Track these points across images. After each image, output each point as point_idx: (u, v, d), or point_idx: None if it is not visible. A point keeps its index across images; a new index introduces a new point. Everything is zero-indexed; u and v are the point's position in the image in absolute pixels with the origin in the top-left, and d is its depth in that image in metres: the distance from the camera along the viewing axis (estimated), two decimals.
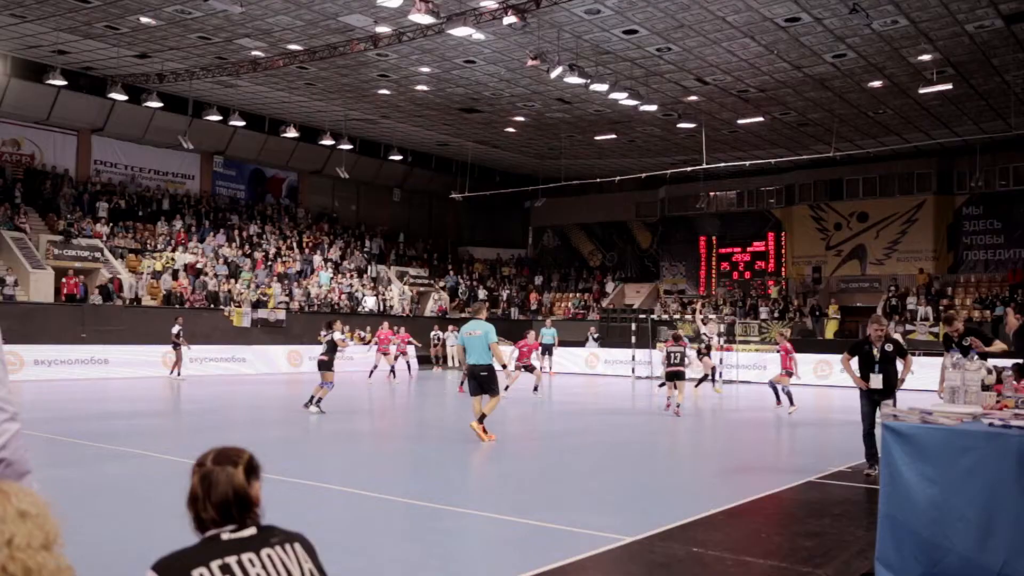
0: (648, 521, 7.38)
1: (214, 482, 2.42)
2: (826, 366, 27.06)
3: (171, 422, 16.12)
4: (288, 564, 2.41)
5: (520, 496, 8.90)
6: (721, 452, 13.08)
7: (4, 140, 31.06)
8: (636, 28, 22.00)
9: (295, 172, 39.34)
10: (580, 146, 35.60)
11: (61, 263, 27.63)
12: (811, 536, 7.07)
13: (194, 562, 2.30)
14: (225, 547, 2.36)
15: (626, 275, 42.78)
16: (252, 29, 23.51)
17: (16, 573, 1.66)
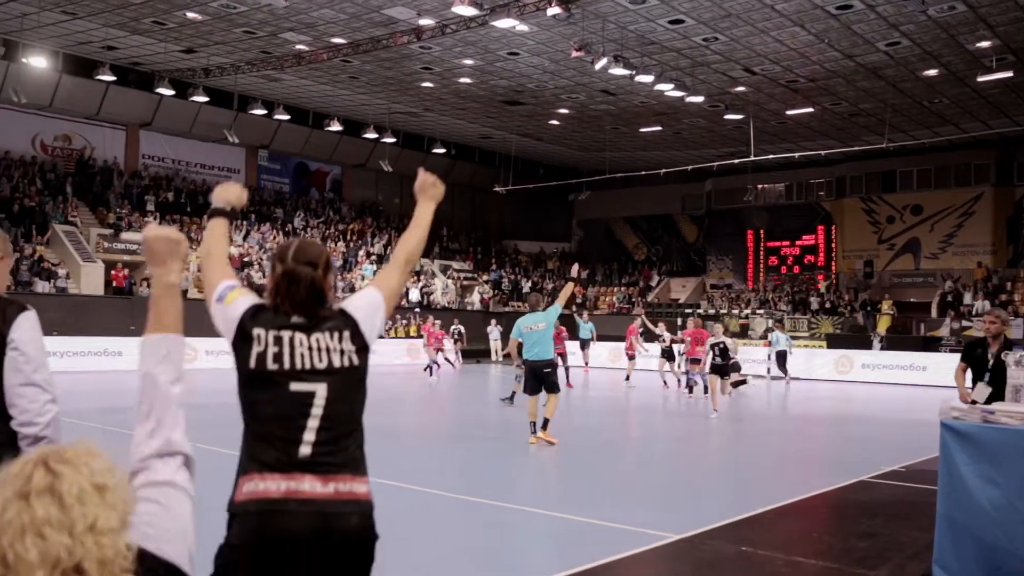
0: (695, 519, 7.28)
1: (297, 280, 2.75)
2: (846, 361, 26.86)
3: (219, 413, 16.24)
4: (332, 345, 2.72)
5: (566, 492, 8.85)
6: (769, 449, 12.88)
7: (56, 135, 31.71)
8: (682, 18, 21.76)
9: (339, 166, 39.62)
10: (625, 138, 35.36)
11: (110, 256, 28.15)
12: (864, 537, 6.92)
13: (261, 322, 2.72)
14: (293, 322, 2.73)
15: (672, 269, 42.45)
16: (296, 23, 23.67)
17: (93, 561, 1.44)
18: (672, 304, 38.49)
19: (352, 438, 2.72)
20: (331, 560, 2.59)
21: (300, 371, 2.66)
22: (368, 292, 2.96)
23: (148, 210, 31.40)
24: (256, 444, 2.66)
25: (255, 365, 2.66)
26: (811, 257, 39.04)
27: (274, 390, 2.65)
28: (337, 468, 2.63)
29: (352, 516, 2.61)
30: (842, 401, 20.76)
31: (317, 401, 2.67)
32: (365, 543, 2.65)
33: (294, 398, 2.65)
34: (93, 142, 32.56)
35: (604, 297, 40.53)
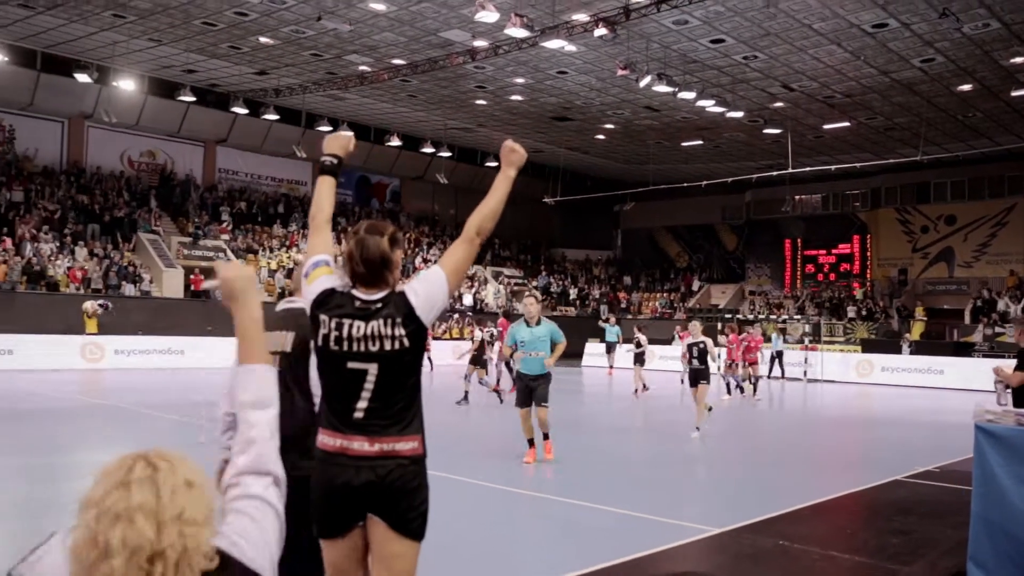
0: (735, 514, 7.19)
1: (366, 246, 3.00)
2: (867, 365, 26.42)
3: None
4: (384, 332, 2.94)
5: (609, 486, 8.80)
6: (804, 449, 12.68)
7: (141, 151, 32.45)
8: (723, 37, 21.57)
9: (398, 178, 39.94)
10: (667, 151, 35.13)
11: (190, 262, 28.69)
12: (898, 534, 6.77)
13: (327, 308, 2.97)
14: (353, 311, 2.95)
15: (712, 276, 42.03)
16: (360, 46, 23.93)
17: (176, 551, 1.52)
18: (712, 309, 38.10)
19: (402, 405, 2.98)
20: (378, 504, 2.92)
21: (355, 353, 2.94)
22: (431, 273, 3.09)
23: (223, 220, 31.96)
24: (326, 407, 3.03)
25: (321, 344, 2.97)
26: (847, 265, 38.39)
27: (335, 366, 2.97)
28: (382, 430, 2.94)
29: (393, 469, 2.92)
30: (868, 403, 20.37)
31: (369, 378, 2.95)
32: (405, 490, 2.94)
33: (350, 374, 2.95)
34: (174, 157, 33.25)
35: (647, 302, 40.28)
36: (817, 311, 35.17)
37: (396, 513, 2.93)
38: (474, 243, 3.16)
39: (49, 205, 28.20)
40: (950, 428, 14.40)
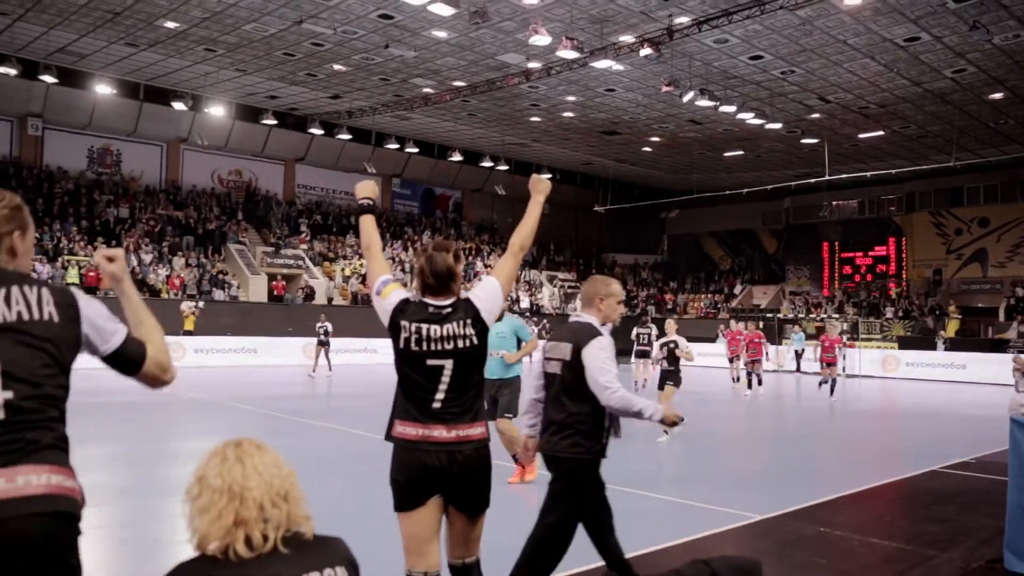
0: (777, 501, 7.05)
1: (435, 261, 3.24)
2: (893, 360, 25.84)
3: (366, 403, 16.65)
4: (458, 332, 3.19)
5: (655, 474, 8.71)
6: (843, 441, 12.36)
7: (229, 170, 33.19)
8: (761, 54, 21.23)
9: (460, 190, 40.16)
10: (710, 162, 34.69)
11: (272, 269, 29.24)
12: (936, 522, 6.56)
13: (407, 315, 3.20)
14: (428, 316, 3.19)
15: (753, 278, 41.35)
16: (424, 70, 24.13)
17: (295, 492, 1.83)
18: (754, 309, 37.48)
19: (472, 395, 3.24)
20: (458, 480, 3.15)
21: (433, 352, 3.17)
22: (488, 281, 3.39)
23: (302, 231, 32.49)
24: (404, 399, 3.22)
25: (403, 347, 3.19)
26: (883, 266, 37.40)
27: (416, 364, 3.18)
28: (456, 418, 3.17)
29: (468, 450, 3.16)
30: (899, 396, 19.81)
31: (445, 373, 3.18)
32: (477, 469, 3.19)
33: (429, 370, 3.18)
34: (259, 175, 33.93)
35: (692, 303, 39.81)
36: (855, 310, 34.35)
37: (470, 489, 3.19)
38: (518, 257, 3.50)
39: (150, 220, 29.01)
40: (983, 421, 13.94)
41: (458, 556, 3.27)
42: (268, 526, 1.76)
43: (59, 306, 2.10)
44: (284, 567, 1.73)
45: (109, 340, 2.16)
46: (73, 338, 2.11)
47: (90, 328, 2.14)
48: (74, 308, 2.12)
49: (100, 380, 16.45)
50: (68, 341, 2.10)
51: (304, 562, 1.77)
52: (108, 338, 2.16)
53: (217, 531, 1.73)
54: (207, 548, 1.75)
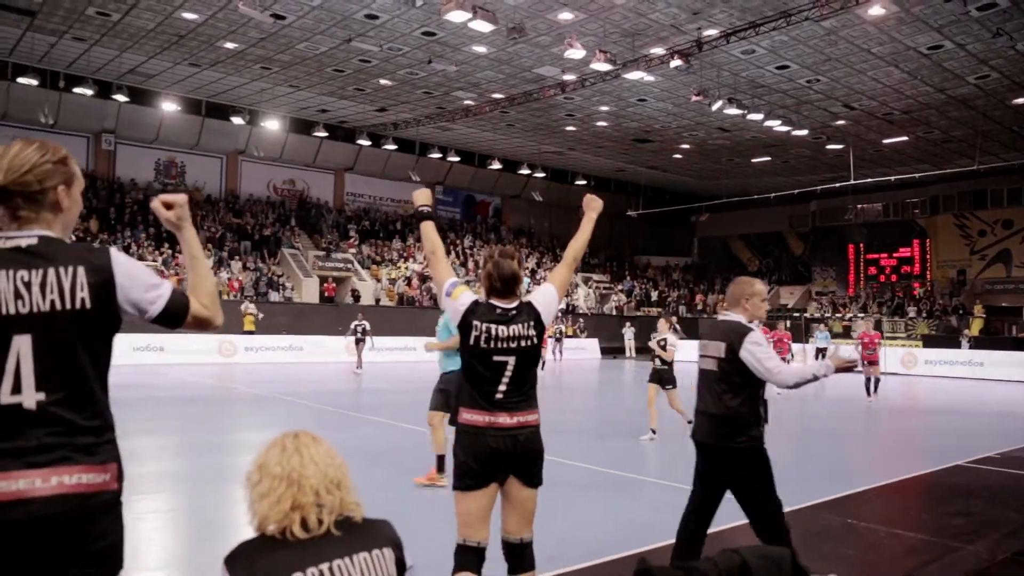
0: (803, 494, 6.94)
1: (502, 267, 3.46)
2: (911, 357, 25.32)
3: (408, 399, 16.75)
4: (522, 333, 3.42)
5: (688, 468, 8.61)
6: (868, 436, 12.13)
7: (283, 180, 33.66)
8: (787, 64, 20.94)
9: (499, 196, 40.23)
10: (738, 167, 34.30)
11: (323, 272, 29.57)
12: (960, 515, 6.40)
13: (477, 315, 3.39)
14: (497, 317, 3.40)
15: (780, 278, 40.78)
16: (465, 83, 24.23)
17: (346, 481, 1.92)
18: (781, 309, 36.94)
19: (529, 386, 3.47)
20: (520, 459, 3.38)
21: (499, 350, 3.39)
22: (546, 287, 3.60)
23: (351, 236, 32.80)
24: (472, 391, 3.42)
25: (473, 344, 3.39)
26: (907, 267, 36.63)
27: (484, 360, 3.39)
28: (516, 406, 3.40)
29: (528, 433, 3.41)
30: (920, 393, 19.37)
31: (508, 368, 3.40)
32: (534, 451, 3.44)
33: (495, 365, 3.39)
34: (310, 184, 34.35)
35: (722, 303, 39.34)
36: (879, 310, 33.68)
37: (528, 469, 3.42)
38: (571, 267, 3.74)
39: (212, 227, 29.54)
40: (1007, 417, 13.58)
41: (516, 532, 3.45)
42: (322, 511, 1.83)
43: (92, 287, 1.97)
44: (336, 548, 1.81)
45: (149, 308, 2.07)
46: (109, 319, 2.02)
47: (127, 303, 2.04)
48: (109, 287, 2.00)
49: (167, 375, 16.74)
50: (104, 324, 2.01)
51: (354, 543, 1.84)
52: (147, 307, 2.06)
53: (276, 514, 1.81)
54: (266, 530, 1.82)
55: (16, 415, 1.90)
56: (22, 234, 1.99)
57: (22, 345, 1.91)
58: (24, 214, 2.02)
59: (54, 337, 1.93)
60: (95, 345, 2.00)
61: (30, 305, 1.91)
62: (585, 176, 38.17)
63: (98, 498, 1.95)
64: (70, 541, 1.90)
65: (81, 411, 1.96)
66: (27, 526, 1.85)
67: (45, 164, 2.04)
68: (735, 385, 4.09)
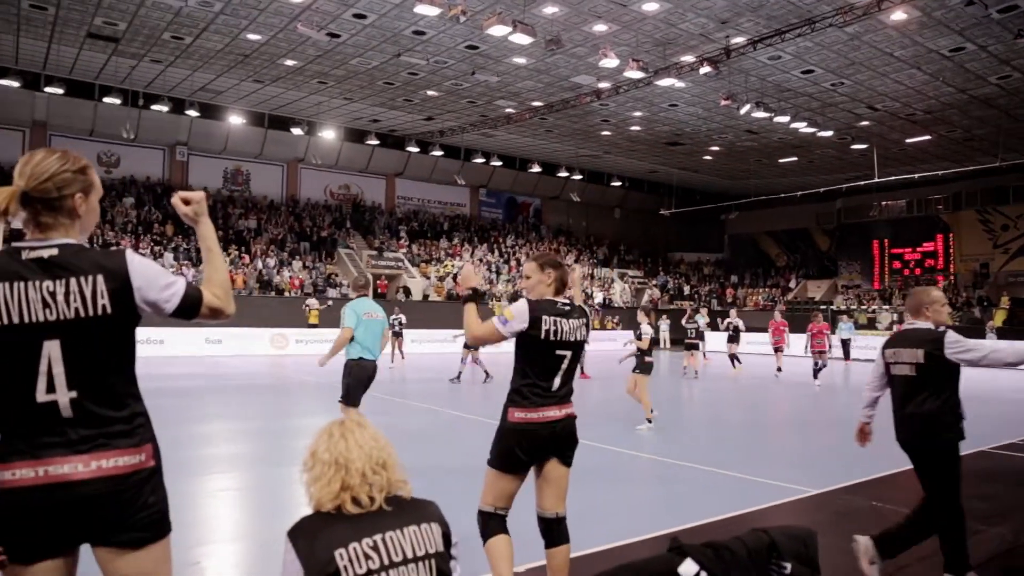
0: (831, 478, 6.83)
1: (565, 271, 3.60)
2: None
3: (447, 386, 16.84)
4: (578, 327, 3.52)
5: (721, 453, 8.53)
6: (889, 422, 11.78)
7: (339, 185, 34.05)
8: (812, 68, 20.51)
9: (539, 198, 40.16)
10: (766, 167, 33.71)
11: (376, 270, 29.85)
12: (985, 499, 6.21)
13: (544, 310, 3.46)
14: (559, 311, 3.47)
15: (807, 273, 39.98)
16: (506, 93, 24.24)
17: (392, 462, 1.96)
18: (808, 301, 36.24)
19: (571, 380, 3.57)
20: (560, 443, 3.49)
21: (562, 343, 3.47)
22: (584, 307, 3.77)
23: (401, 237, 33.06)
24: (524, 386, 3.45)
25: (544, 337, 3.43)
26: (931, 261, 35.58)
27: (547, 353, 3.45)
28: (563, 399, 3.51)
29: (569, 422, 3.52)
30: None
31: (565, 361, 3.49)
32: (573, 437, 3.56)
33: (555, 359, 3.47)
34: (364, 188, 34.70)
35: (751, 297, 38.79)
36: (904, 303, 32.80)
37: (566, 452, 3.52)
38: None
39: (274, 229, 30.04)
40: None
41: (552, 508, 3.51)
42: (372, 489, 1.89)
43: (112, 294, 2.00)
44: (388, 522, 1.87)
45: (165, 306, 2.09)
46: (129, 319, 2.07)
47: (144, 303, 2.07)
48: (127, 291, 2.03)
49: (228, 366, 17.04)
50: (125, 325, 2.06)
51: (404, 518, 1.90)
52: (163, 305, 2.09)
53: (327, 496, 1.88)
54: (323, 508, 1.90)
55: (53, 412, 1.97)
56: (43, 244, 2.02)
57: (52, 349, 1.96)
58: (45, 220, 2.04)
59: (80, 341, 1.98)
60: (118, 344, 2.05)
61: (57, 313, 1.96)
62: (620, 177, 37.90)
63: (136, 476, 2.03)
64: (114, 513, 2.01)
65: (110, 403, 2.03)
66: (74, 503, 1.96)
67: (65, 172, 2.05)
68: (935, 387, 4.15)
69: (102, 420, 2.02)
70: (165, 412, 1.94)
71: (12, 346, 1.95)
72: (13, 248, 2.02)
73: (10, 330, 1.94)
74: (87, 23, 18.96)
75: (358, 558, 1.79)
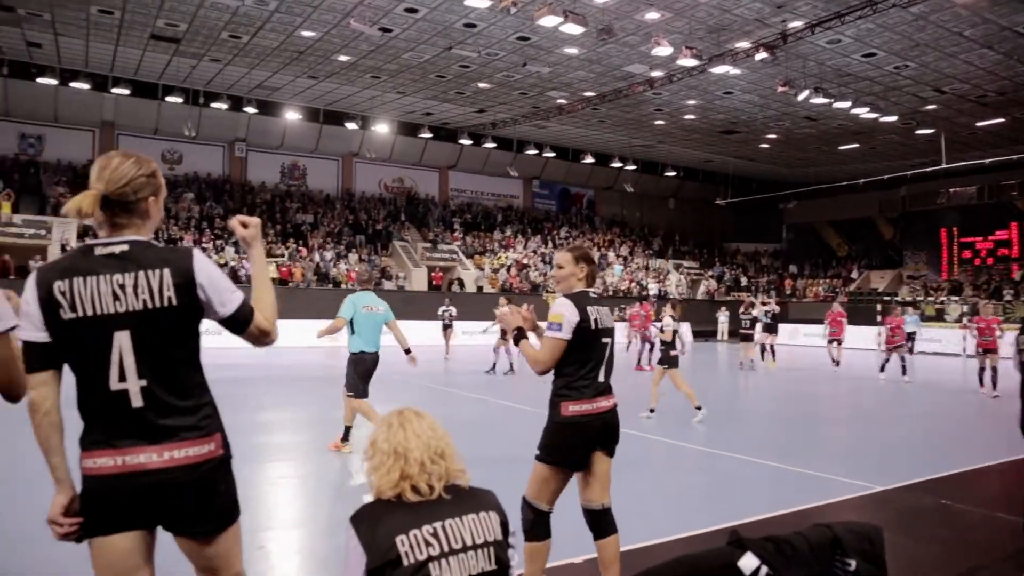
0: (896, 474, 6.60)
1: (594, 269, 3.62)
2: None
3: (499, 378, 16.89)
4: (609, 316, 3.55)
5: (779, 446, 8.35)
6: (964, 418, 11.38)
7: (393, 178, 34.44)
8: (874, 51, 19.81)
9: (592, 189, 39.88)
10: (825, 155, 32.77)
11: (431, 263, 30.13)
12: None
13: (586, 301, 3.47)
14: (594, 301, 3.53)
15: (871, 263, 38.74)
16: (558, 83, 24.11)
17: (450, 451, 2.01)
18: (872, 292, 35.15)
19: (612, 370, 3.60)
20: (606, 438, 3.51)
21: (604, 331, 3.51)
22: None
23: (455, 229, 33.26)
24: (574, 379, 3.44)
25: (593, 327, 3.45)
26: (1004, 251, 33.98)
27: (594, 342, 3.47)
28: (609, 389, 3.56)
29: (615, 415, 3.57)
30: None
31: (607, 350, 3.53)
32: (618, 426, 3.59)
33: (600, 347, 3.50)
34: (417, 181, 35.01)
35: (811, 288, 37.84)
36: (975, 293, 31.53)
37: (611, 444, 3.55)
38: None
39: (330, 223, 30.59)
40: None
41: (598, 499, 3.54)
42: (431, 478, 1.93)
43: (178, 287, 2.11)
44: (447, 509, 1.91)
45: (220, 310, 2.18)
46: (193, 312, 2.15)
47: (206, 300, 2.16)
48: (191, 286, 2.13)
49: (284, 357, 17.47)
50: (189, 318, 2.15)
51: (463, 506, 1.94)
52: (219, 308, 2.18)
53: (387, 484, 1.92)
54: (383, 496, 1.94)
55: (124, 400, 2.09)
56: (115, 240, 2.15)
57: (123, 340, 2.07)
58: (120, 220, 2.16)
59: (148, 331, 2.09)
60: (183, 335, 2.15)
61: (126, 305, 2.07)
62: (674, 167, 37.36)
63: (206, 464, 2.16)
64: (188, 500, 2.14)
65: (177, 392, 2.13)
66: (150, 489, 2.10)
67: (140, 177, 2.17)
68: None
69: (171, 409, 2.12)
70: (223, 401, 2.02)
71: (87, 337, 2.07)
72: (87, 245, 2.16)
73: (84, 322, 2.06)
74: (150, 25, 19.58)
75: (418, 544, 1.83)
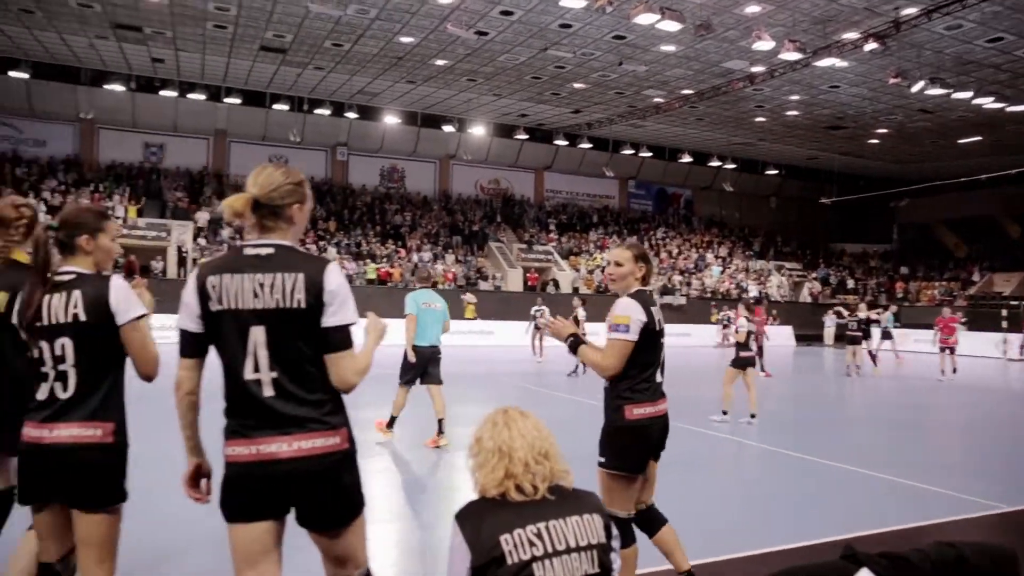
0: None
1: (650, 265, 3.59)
2: None
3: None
4: (662, 317, 3.50)
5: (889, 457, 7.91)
6: None
7: (488, 180, 34.87)
8: (1001, 36, 18.47)
9: (690, 188, 39.09)
10: (942, 149, 30.84)
11: (526, 263, 30.30)
12: None
13: (646, 301, 3.43)
14: (652, 300, 3.46)
15: (993, 265, 36.11)
16: (654, 82, 23.76)
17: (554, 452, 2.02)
18: (996, 296, 32.79)
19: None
20: (661, 441, 3.53)
21: (662, 331, 3.51)
22: None
23: (550, 229, 33.31)
24: (639, 382, 3.40)
25: (656, 328, 3.44)
26: None
27: (656, 342, 3.47)
28: (663, 393, 3.53)
29: (667, 417, 3.54)
30: None
31: (664, 350, 3.54)
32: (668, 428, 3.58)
33: (660, 347, 3.51)
34: (513, 183, 35.29)
35: (924, 291, 35.68)
36: None
37: (663, 446, 3.58)
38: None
39: (427, 224, 31.26)
40: None
41: (647, 499, 3.62)
42: (535, 478, 1.94)
43: (308, 292, 2.27)
44: (551, 510, 1.91)
45: (327, 318, 2.30)
46: (319, 317, 2.29)
47: (327, 306, 2.29)
48: (319, 294, 2.28)
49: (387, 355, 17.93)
50: (315, 320, 2.29)
51: (566, 507, 1.93)
52: (327, 317, 2.29)
53: (491, 482, 1.94)
54: (487, 494, 1.96)
55: (257, 389, 2.27)
56: (262, 242, 2.35)
57: (258, 334, 2.26)
58: (267, 223, 2.36)
59: (280, 328, 2.27)
60: (312, 335, 2.30)
61: (263, 302, 2.27)
62: (776, 165, 36.10)
63: (333, 456, 2.30)
64: (316, 489, 2.29)
65: (305, 386, 2.29)
66: (281, 477, 2.26)
67: (288, 185, 2.37)
68: None
69: (299, 401, 2.28)
70: None
71: (228, 328, 2.29)
72: (239, 246, 2.38)
73: (228, 314, 2.28)
74: (259, 37, 20.60)
75: (522, 544, 1.84)
